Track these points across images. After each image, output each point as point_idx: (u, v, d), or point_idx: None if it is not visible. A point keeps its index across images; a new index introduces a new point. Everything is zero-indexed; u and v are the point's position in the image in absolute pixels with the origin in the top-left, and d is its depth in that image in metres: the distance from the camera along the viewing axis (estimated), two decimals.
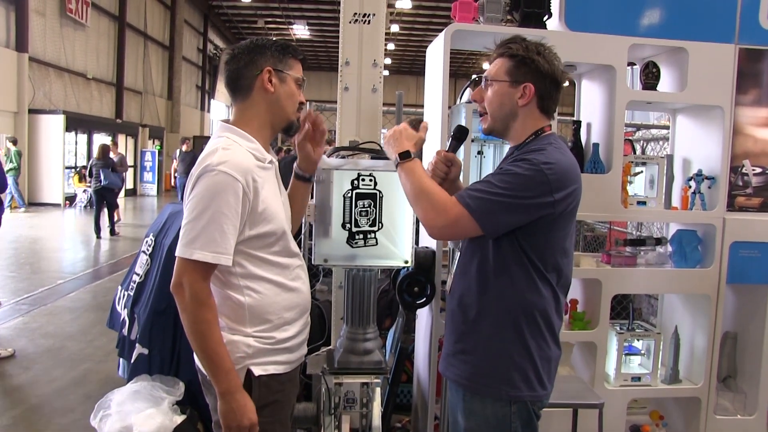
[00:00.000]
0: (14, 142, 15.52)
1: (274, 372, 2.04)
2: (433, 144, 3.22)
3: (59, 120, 17.09)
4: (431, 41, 3.34)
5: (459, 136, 2.30)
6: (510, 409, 2.02)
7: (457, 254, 2.21)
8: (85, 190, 16.57)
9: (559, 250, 2.03)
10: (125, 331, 3.97)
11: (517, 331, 2.01)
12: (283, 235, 2.06)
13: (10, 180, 14.65)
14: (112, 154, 12.23)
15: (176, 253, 1.89)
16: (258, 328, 2.00)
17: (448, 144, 2.31)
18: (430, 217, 1.99)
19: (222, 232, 1.86)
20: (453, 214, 1.94)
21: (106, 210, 11.93)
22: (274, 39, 2.10)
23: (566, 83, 2.15)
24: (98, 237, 11.59)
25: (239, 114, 2.08)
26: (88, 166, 12.61)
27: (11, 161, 15.16)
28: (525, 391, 2.02)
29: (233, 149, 1.95)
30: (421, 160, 2.17)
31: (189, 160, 14.24)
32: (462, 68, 32.54)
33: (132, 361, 3.81)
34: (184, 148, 16.18)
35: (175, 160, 16.36)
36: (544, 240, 1.99)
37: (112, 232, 11.98)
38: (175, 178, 16.51)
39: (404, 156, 2.11)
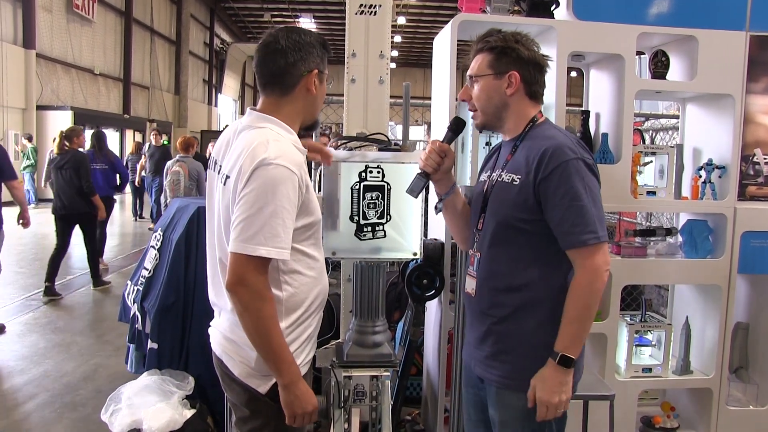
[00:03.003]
0: (30, 138, 15.55)
1: (303, 373, 2.04)
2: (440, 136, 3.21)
3: (67, 116, 17.11)
4: (438, 33, 3.31)
5: (456, 128, 2.26)
6: None
7: (476, 254, 2.15)
8: None
9: None
10: (139, 325, 3.98)
11: (557, 323, 1.99)
12: (319, 226, 2.06)
13: (26, 176, 14.79)
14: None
15: (233, 249, 1.80)
16: (291, 324, 1.99)
17: (443, 135, 2.27)
18: (599, 291, 1.97)
19: (285, 227, 1.81)
20: (599, 263, 1.94)
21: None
22: (311, 32, 2.04)
23: (548, 69, 2.14)
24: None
25: (274, 107, 2.00)
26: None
27: (28, 158, 15.20)
28: None
29: (282, 142, 1.90)
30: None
31: (159, 156, 11.94)
32: (470, 59, 32.41)
33: (146, 355, 3.83)
34: (153, 140, 12.75)
35: (144, 156, 12.73)
36: None
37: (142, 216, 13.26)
38: (141, 177, 12.59)
39: (566, 362, 1.96)
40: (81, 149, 7.61)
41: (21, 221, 6.06)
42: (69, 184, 7.13)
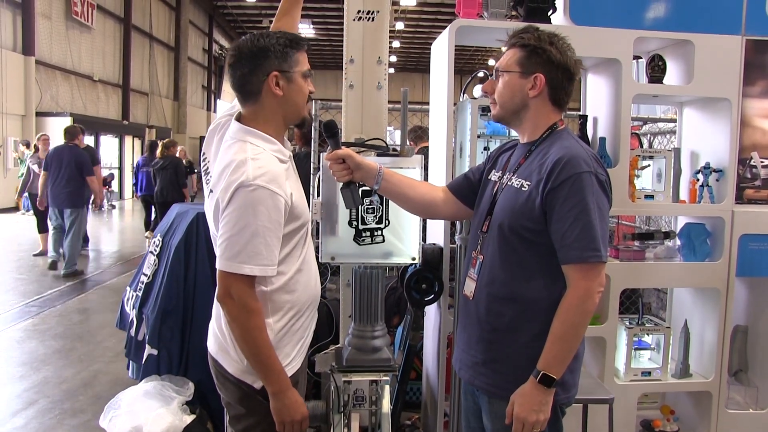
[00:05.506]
0: (27, 145, 15.50)
1: (293, 372, 2.07)
2: (440, 143, 3.21)
3: (66, 122, 16.95)
4: (436, 38, 3.33)
5: (330, 134, 2.24)
6: None
7: (479, 256, 2.11)
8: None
9: None
10: (132, 331, 3.98)
11: None
12: (307, 225, 2.08)
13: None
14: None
15: (219, 267, 1.89)
16: (281, 318, 2.03)
17: (327, 150, 2.26)
18: (589, 312, 1.93)
19: (267, 245, 1.87)
20: (593, 285, 1.91)
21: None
22: (276, 34, 2.02)
23: (579, 76, 2.10)
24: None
25: (252, 115, 2.04)
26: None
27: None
28: (561, 395, 1.99)
29: (263, 158, 1.93)
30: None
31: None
32: (467, 65, 32.50)
33: (143, 362, 3.82)
34: (41, 146, 10.37)
35: (30, 163, 10.29)
36: None
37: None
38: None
39: (547, 381, 1.91)
40: (176, 155, 10.65)
41: (92, 204, 8.96)
42: (168, 180, 10.04)
